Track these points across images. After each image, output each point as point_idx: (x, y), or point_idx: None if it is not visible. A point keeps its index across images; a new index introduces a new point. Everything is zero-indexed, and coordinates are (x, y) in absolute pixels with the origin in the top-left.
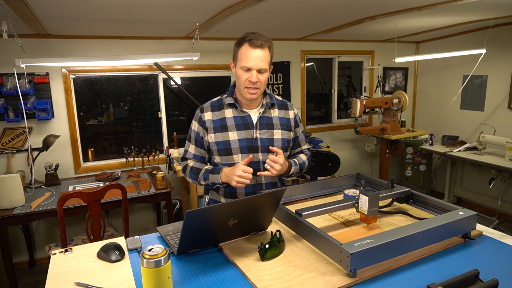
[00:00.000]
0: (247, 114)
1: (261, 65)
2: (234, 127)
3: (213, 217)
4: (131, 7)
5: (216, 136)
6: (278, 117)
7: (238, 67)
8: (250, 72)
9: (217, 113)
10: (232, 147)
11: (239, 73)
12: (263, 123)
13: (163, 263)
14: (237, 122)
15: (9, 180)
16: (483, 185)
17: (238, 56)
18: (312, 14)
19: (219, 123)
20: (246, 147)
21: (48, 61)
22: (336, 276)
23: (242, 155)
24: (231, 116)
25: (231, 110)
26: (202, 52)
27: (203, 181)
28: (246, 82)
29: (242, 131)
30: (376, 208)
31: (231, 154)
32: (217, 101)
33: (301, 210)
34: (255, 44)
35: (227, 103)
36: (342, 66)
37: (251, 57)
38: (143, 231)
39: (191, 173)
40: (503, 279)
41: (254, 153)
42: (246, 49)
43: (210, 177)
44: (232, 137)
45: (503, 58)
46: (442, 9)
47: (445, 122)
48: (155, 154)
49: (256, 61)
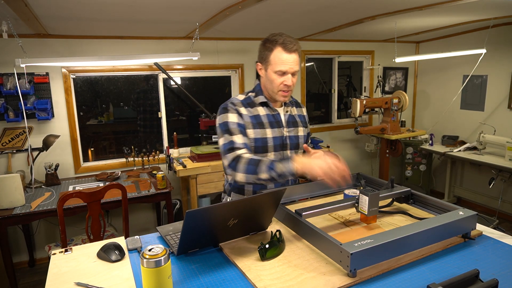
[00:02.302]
0: (277, 112)
1: (296, 68)
2: (268, 125)
3: (213, 217)
4: (131, 7)
5: (255, 133)
6: (297, 114)
7: (271, 71)
8: (285, 75)
9: (250, 109)
10: (268, 145)
11: (272, 77)
12: (289, 121)
13: (163, 263)
14: (269, 120)
15: (9, 180)
16: (483, 185)
17: (270, 60)
18: (312, 14)
19: (255, 119)
20: (278, 145)
21: (48, 61)
22: (336, 276)
23: (275, 152)
24: (264, 114)
25: (262, 108)
26: (202, 52)
27: (264, 173)
28: (281, 86)
29: (275, 129)
30: (376, 208)
31: (267, 152)
32: (245, 99)
33: (301, 210)
34: (290, 49)
35: (259, 102)
36: (342, 66)
37: (287, 62)
38: (143, 231)
39: (249, 165)
40: (503, 279)
41: (284, 151)
42: (280, 53)
43: (279, 166)
44: (268, 134)
45: (503, 58)
46: (442, 9)
47: (445, 122)
48: (155, 154)
49: (292, 65)
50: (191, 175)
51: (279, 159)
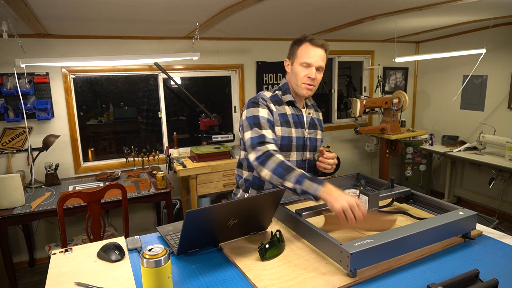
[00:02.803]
0: (301, 113)
1: (321, 63)
2: (294, 124)
3: (213, 217)
4: (131, 7)
5: (283, 131)
6: (316, 118)
7: (296, 64)
8: (309, 68)
9: (279, 107)
10: (292, 144)
11: (297, 69)
12: (310, 123)
13: (163, 263)
14: (294, 120)
15: (9, 180)
16: (483, 185)
17: (297, 53)
18: (312, 14)
19: (282, 117)
20: (301, 145)
21: (48, 61)
22: (336, 276)
23: (297, 152)
24: (290, 113)
25: (289, 108)
26: (202, 52)
27: (290, 182)
28: (304, 78)
29: (299, 129)
30: (376, 208)
31: (290, 151)
32: (273, 97)
33: (301, 210)
34: (317, 43)
35: (286, 100)
36: (342, 66)
37: (312, 55)
38: (143, 231)
39: (279, 167)
40: (503, 279)
41: (304, 152)
42: (307, 47)
43: (306, 183)
44: (293, 134)
45: (503, 58)
46: (442, 9)
47: (445, 122)
48: (155, 154)
49: (317, 59)
50: (191, 175)
51: (311, 175)
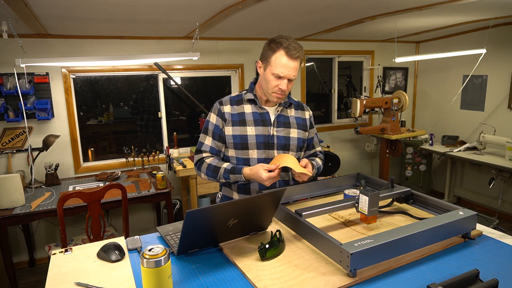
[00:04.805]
0: (266, 111)
1: (293, 75)
2: (252, 122)
3: (213, 217)
4: (131, 7)
5: (234, 130)
6: (294, 116)
7: (269, 72)
8: (281, 80)
9: (236, 107)
10: (249, 142)
11: (269, 77)
12: (280, 121)
13: (163, 263)
14: (255, 118)
15: (9, 180)
16: (483, 185)
17: (271, 61)
18: (312, 14)
19: (237, 117)
20: (262, 143)
21: (48, 61)
22: (336, 276)
23: (258, 150)
24: (250, 111)
25: (250, 106)
26: (202, 52)
27: (222, 179)
28: (275, 89)
29: (259, 127)
30: (376, 208)
31: (247, 149)
32: (236, 96)
33: (301, 210)
34: (293, 55)
35: (246, 99)
36: (342, 66)
37: (286, 67)
38: (143, 231)
39: (208, 171)
40: (503, 279)
41: (270, 150)
42: (282, 57)
43: (232, 177)
44: (249, 132)
45: (503, 58)
46: (442, 9)
47: (445, 122)
48: (155, 154)
49: (291, 71)
50: (191, 175)
51: (230, 167)
